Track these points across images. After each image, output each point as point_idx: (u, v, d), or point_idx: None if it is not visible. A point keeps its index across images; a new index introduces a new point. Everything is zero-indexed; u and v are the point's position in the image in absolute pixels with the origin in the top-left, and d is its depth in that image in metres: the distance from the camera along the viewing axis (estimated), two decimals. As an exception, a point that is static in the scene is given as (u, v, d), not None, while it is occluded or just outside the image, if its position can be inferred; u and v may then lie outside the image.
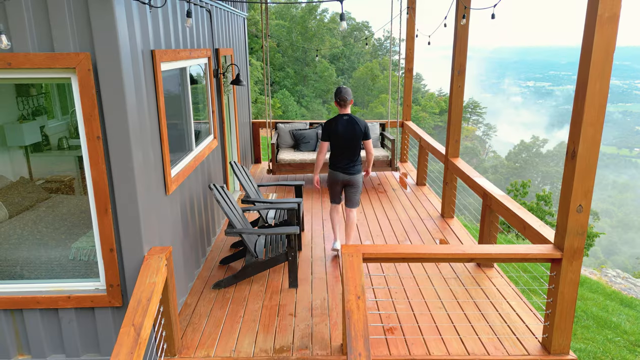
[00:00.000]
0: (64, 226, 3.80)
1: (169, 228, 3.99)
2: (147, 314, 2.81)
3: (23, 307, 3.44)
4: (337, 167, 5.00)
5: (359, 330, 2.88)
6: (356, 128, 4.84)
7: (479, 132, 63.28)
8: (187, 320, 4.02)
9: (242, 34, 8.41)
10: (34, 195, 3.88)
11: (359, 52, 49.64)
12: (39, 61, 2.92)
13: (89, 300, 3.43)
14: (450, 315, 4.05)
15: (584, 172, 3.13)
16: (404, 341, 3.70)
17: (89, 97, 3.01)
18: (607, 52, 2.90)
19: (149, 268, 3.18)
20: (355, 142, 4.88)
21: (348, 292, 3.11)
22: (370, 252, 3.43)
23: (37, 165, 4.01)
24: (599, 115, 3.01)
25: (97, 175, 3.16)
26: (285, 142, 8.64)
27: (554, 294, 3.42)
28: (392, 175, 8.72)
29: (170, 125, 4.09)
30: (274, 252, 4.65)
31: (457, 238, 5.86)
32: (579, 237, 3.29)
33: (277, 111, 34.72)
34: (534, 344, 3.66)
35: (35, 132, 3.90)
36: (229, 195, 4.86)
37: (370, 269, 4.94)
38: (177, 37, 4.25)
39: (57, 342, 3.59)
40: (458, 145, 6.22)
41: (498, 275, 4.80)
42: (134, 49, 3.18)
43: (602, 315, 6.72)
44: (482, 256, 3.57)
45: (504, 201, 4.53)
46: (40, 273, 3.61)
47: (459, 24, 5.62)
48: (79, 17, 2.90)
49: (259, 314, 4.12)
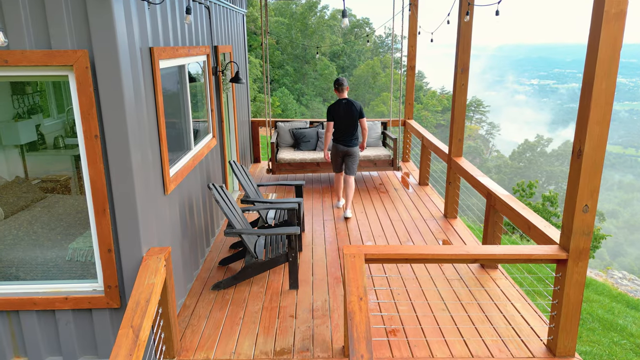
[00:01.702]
0: (60, 226, 3.81)
1: (168, 228, 4.00)
2: (146, 316, 2.82)
3: (19, 309, 3.45)
4: (339, 141, 6.37)
5: (361, 332, 2.89)
6: (353, 109, 6.22)
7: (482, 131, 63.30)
8: (186, 322, 4.03)
9: (241, 31, 8.42)
10: (29, 195, 3.89)
11: (360, 49, 49.64)
12: (36, 59, 2.94)
13: (87, 301, 3.44)
14: (454, 316, 4.06)
15: (590, 172, 3.14)
16: (407, 343, 3.71)
17: (87, 95, 3.02)
18: (614, 49, 2.91)
19: (148, 269, 3.19)
20: (353, 119, 6.24)
21: (350, 294, 3.12)
22: (373, 252, 3.44)
23: (32, 164, 4.01)
24: (606, 113, 3.02)
25: (95, 175, 3.17)
26: (285, 141, 8.64)
27: (560, 295, 3.43)
28: (394, 174, 8.73)
29: (168, 124, 4.10)
30: (274, 252, 4.66)
31: (461, 239, 5.87)
32: (585, 238, 3.30)
33: (277, 110, 34.73)
34: (538, 346, 3.67)
35: (30, 131, 3.90)
36: (228, 195, 4.87)
37: (372, 270, 4.95)
38: (175, 35, 4.26)
39: (54, 344, 3.59)
40: (461, 144, 6.23)
41: (502, 277, 4.81)
42: (132, 46, 3.19)
43: (608, 318, 6.73)
44: (485, 257, 3.58)
45: (509, 201, 4.54)
46: (37, 274, 3.61)
47: (463, 21, 5.63)
48: (77, 13, 2.91)
49: (259, 315, 4.13)
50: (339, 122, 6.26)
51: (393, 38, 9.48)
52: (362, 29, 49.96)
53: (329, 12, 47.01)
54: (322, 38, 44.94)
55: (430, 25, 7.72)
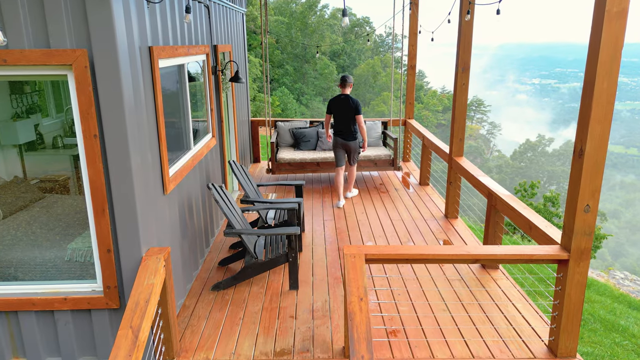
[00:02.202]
0: (59, 227, 3.81)
1: (167, 228, 4.01)
2: (145, 316, 2.83)
3: (18, 309, 3.46)
4: (338, 134, 6.93)
5: (362, 333, 2.89)
6: (349, 104, 6.70)
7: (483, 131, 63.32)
8: (186, 323, 4.04)
9: (240, 30, 8.42)
10: (28, 195, 3.89)
11: (360, 48, 49.66)
12: (34, 58, 2.94)
13: (86, 302, 3.44)
14: (455, 317, 4.06)
15: (591, 171, 3.14)
16: (407, 344, 3.71)
17: (86, 94, 3.03)
18: (615, 48, 2.91)
19: (147, 269, 3.19)
20: (348, 114, 6.72)
21: (350, 294, 3.12)
22: (373, 253, 3.45)
23: (31, 164, 4.01)
24: (607, 113, 3.02)
25: (94, 175, 3.17)
26: (285, 141, 8.65)
27: (561, 295, 3.43)
28: (394, 174, 8.74)
29: (168, 124, 4.10)
30: (274, 253, 4.66)
31: (461, 239, 5.88)
32: (587, 238, 3.30)
33: (276, 109, 34.74)
34: (540, 346, 3.68)
35: (29, 131, 3.90)
36: (227, 195, 4.87)
37: (372, 270, 4.96)
38: (175, 34, 4.26)
39: (53, 344, 3.60)
40: (462, 144, 6.23)
41: (503, 277, 4.82)
42: (131, 45, 3.19)
43: (610, 318, 6.73)
44: (486, 257, 3.59)
45: (510, 201, 4.55)
46: (36, 274, 3.62)
47: (464, 20, 5.63)
48: (76, 12, 2.91)
49: (259, 316, 4.13)
50: (336, 116, 6.83)
51: (393, 37, 9.49)
52: (363, 28, 49.99)
53: (329, 11, 47.06)
54: (322, 37, 44.97)
55: (431, 24, 7.74)
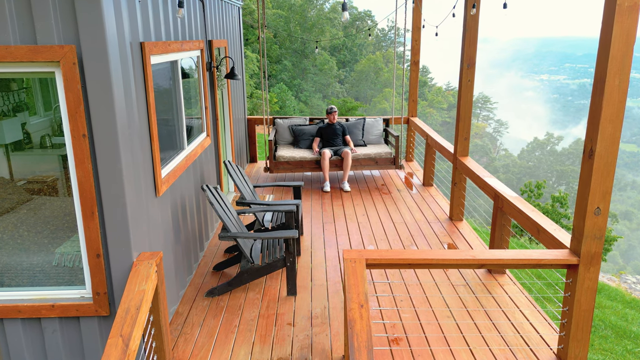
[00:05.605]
0: (46, 230, 3.80)
1: (159, 232, 4.00)
2: (136, 324, 2.82)
3: (3, 317, 3.44)
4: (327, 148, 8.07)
5: (362, 341, 2.89)
6: (338, 129, 8.18)
7: (490, 129, 63.36)
8: (179, 330, 4.03)
9: (236, 25, 8.42)
10: (14, 197, 3.88)
11: (361, 43, 49.67)
12: (20, 54, 2.93)
13: (74, 309, 3.43)
14: (459, 324, 4.06)
15: (602, 173, 3.13)
16: (410, 352, 3.71)
17: (74, 92, 3.02)
18: (627, 44, 2.91)
19: (138, 275, 3.18)
20: (337, 138, 8.17)
21: (350, 300, 3.11)
22: (374, 257, 3.44)
23: (18, 164, 4.00)
24: (619, 111, 3.02)
25: (82, 176, 3.16)
26: (283, 139, 8.65)
27: (570, 302, 3.43)
28: (397, 175, 8.73)
29: (160, 122, 4.09)
30: (271, 257, 4.65)
31: (467, 242, 5.87)
32: (597, 241, 3.30)
33: (274, 106, 34.74)
34: (548, 355, 3.67)
35: (16, 130, 3.89)
36: (222, 197, 4.87)
37: (374, 276, 4.95)
38: (167, 29, 4.26)
39: (40, 353, 3.59)
40: (467, 143, 6.23)
41: (510, 282, 4.81)
42: (122, 41, 3.18)
43: (621, 325, 6.73)
44: (493, 262, 3.58)
45: (517, 203, 4.54)
46: (22, 280, 3.61)
47: (469, 14, 5.63)
48: (64, 7, 2.90)
49: (255, 323, 4.12)
50: (325, 140, 8.17)
51: (396, 31, 9.49)
52: (364, 22, 50.00)
53: (328, 4, 47.05)
54: (322, 31, 44.96)
55: (435, 19, 7.73)
